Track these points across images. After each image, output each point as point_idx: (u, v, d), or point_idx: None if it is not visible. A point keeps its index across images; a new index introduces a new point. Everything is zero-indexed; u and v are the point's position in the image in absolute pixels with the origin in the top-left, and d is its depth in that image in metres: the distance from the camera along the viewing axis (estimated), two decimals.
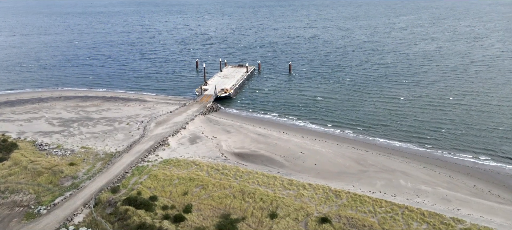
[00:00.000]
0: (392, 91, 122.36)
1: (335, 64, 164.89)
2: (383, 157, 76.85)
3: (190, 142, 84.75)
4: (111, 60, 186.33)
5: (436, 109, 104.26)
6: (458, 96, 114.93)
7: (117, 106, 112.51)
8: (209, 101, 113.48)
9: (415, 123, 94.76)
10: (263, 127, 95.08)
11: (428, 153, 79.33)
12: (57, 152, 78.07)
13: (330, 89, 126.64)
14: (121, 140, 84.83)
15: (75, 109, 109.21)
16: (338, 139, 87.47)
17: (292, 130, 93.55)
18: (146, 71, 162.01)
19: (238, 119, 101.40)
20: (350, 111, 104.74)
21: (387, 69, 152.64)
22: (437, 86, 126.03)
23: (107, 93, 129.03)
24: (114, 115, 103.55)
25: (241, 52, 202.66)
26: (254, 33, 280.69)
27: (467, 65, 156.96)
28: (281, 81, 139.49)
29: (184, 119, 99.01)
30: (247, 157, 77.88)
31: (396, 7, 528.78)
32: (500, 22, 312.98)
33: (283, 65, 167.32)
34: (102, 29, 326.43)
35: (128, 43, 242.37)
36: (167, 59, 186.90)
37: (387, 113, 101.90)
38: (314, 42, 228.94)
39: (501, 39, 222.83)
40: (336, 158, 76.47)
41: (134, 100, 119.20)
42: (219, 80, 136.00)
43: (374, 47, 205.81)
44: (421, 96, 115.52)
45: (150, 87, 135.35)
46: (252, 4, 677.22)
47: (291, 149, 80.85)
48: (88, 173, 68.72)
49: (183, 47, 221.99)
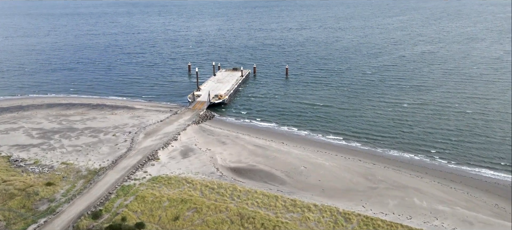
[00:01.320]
0: (393, 96, 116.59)
1: (332, 68, 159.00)
2: (393, 171, 70.78)
3: (182, 156, 77.75)
4: (98, 64, 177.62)
5: (442, 117, 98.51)
6: (463, 102, 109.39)
7: (104, 114, 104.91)
8: (202, 109, 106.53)
9: (422, 132, 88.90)
10: (260, 137, 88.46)
11: (441, 166, 73.48)
12: (33, 169, 70.48)
13: (329, 94, 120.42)
14: (106, 154, 77.45)
15: (58, 118, 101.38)
16: (342, 150, 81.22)
17: (292, 140, 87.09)
18: (135, 76, 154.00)
19: (233, 128, 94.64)
20: (352, 119, 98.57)
21: (386, 73, 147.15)
22: (440, 91, 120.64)
23: (93, 100, 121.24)
24: (99, 125, 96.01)
25: (234, 55, 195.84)
26: (247, 34, 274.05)
27: (468, 68, 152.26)
28: (278, 86, 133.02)
29: (175, 129, 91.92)
30: (245, 173, 71.20)
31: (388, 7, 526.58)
32: (493, 23, 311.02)
33: (279, 68, 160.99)
34: (90, 31, 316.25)
35: (116, 45, 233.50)
36: (157, 63, 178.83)
37: (392, 122, 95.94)
38: (309, 44, 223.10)
39: (497, 40, 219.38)
40: (342, 173, 70.19)
41: (122, 107, 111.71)
42: (213, 85, 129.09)
43: (370, 49, 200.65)
44: (424, 103, 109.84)
45: (139, 94, 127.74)
46: (244, 5, 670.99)
47: (292, 163, 74.35)
48: (67, 195, 61.34)
49: (173, 50, 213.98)
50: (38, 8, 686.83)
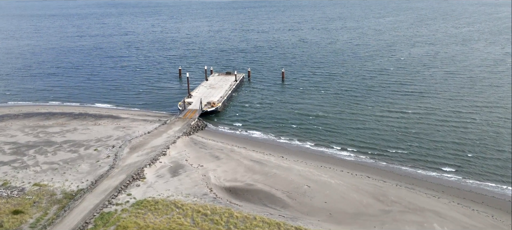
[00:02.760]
0: (396, 103, 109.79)
1: (329, 72, 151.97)
2: (406, 190, 63.84)
3: (171, 174, 69.80)
4: (82, 69, 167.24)
5: (451, 126, 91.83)
6: (470, 109, 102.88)
7: (86, 125, 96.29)
8: (193, 118, 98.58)
9: (432, 144, 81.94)
10: (258, 150, 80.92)
11: (458, 183, 66.74)
12: (1, 193, 61.86)
13: (328, 101, 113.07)
14: (86, 173, 69.11)
15: (35, 130, 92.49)
16: (348, 165, 74.10)
17: (292, 153, 79.71)
18: (122, 81, 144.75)
19: (228, 140, 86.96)
20: (355, 129, 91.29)
21: (385, 77, 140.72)
22: (444, 97, 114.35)
23: (76, 108, 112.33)
24: (80, 137, 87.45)
25: (227, 58, 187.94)
26: (239, 36, 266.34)
27: (469, 71, 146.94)
28: (274, 92, 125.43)
29: (164, 141, 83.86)
30: (242, 194, 63.61)
31: (380, 8, 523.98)
32: (488, 23, 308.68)
33: (274, 72, 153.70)
34: (75, 33, 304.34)
35: (101, 48, 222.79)
36: (146, 67, 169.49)
37: (398, 132, 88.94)
38: (303, 46, 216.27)
39: (494, 41, 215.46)
40: (350, 193, 63.01)
41: (106, 117, 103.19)
42: (205, 91, 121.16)
43: (366, 51, 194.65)
44: (430, 110, 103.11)
45: (125, 101, 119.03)
46: (234, 5, 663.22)
47: (294, 181, 66.96)
48: (36, 225, 52.99)
49: (162, 53, 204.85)
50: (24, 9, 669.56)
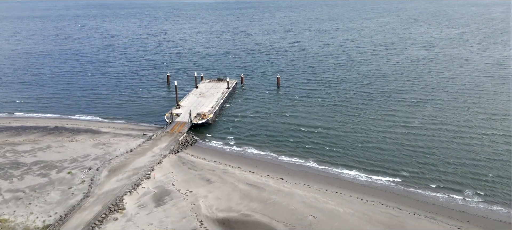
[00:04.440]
0: (399, 114, 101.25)
1: (325, 78, 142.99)
2: (426, 221, 55.72)
3: (156, 202, 60.60)
4: (61, 76, 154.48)
5: (465, 141, 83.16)
6: (482, 121, 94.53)
7: (61, 142, 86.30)
8: (182, 132, 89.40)
9: (446, 163, 73.29)
10: (254, 170, 72.16)
11: (483, 210, 58.90)
12: None
13: (327, 112, 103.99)
14: (55, 204, 59.49)
15: (2, 149, 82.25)
16: (357, 188, 65.79)
17: (293, 174, 71.14)
18: (104, 89, 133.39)
19: (220, 158, 78.04)
20: (359, 145, 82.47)
21: (383, 83, 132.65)
22: (450, 106, 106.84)
23: (51, 121, 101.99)
24: (53, 157, 77.57)
25: (217, 62, 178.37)
26: (229, 39, 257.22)
27: (473, 76, 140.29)
28: (270, 100, 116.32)
29: (148, 161, 74.53)
30: (237, 227, 54.80)
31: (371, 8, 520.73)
32: (482, 25, 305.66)
33: (268, 77, 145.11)
34: (55, 35, 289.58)
35: (82, 52, 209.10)
36: (129, 73, 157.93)
37: (407, 149, 79.97)
38: (297, 50, 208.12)
39: (492, 43, 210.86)
40: (363, 225, 54.67)
41: (85, 131, 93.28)
42: (195, 100, 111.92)
43: (361, 55, 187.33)
44: (438, 122, 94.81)
45: (107, 112, 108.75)
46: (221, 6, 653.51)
47: (297, 210, 58.38)
48: None
49: (148, 57, 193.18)
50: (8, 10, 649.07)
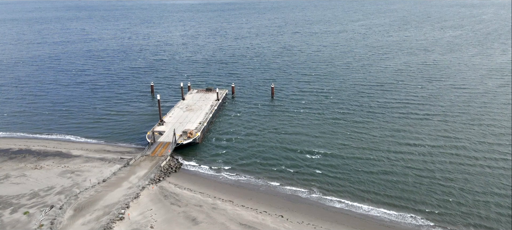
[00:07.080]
0: (407, 132, 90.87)
1: (320, 87, 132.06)
2: None
3: None
4: (30, 87, 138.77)
5: (491, 165, 73.94)
6: (500, 138, 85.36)
7: (22, 169, 74.11)
8: (165, 154, 78.05)
9: (473, 201, 63.09)
10: (248, 205, 61.38)
11: None
12: None
13: (327, 130, 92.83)
14: None
15: None
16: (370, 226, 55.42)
17: (294, 209, 60.60)
18: (77, 103, 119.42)
19: (208, 189, 67.06)
20: (367, 174, 71.99)
21: (385, 94, 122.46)
22: (463, 121, 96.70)
23: (15, 142, 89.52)
24: (10, 190, 65.51)
25: (203, 70, 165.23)
26: (218, 43, 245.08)
27: (481, 85, 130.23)
28: (264, 115, 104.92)
29: (123, 196, 63.06)
30: None
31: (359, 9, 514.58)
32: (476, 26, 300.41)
33: (260, 87, 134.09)
34: (31, 40, 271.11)
35: (57, 59, 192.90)
36: (107, 83, 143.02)
37: (422, 178, 69.99)
38: (289, 55, 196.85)
39: (490, 47, 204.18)
40: None
41: (53, 155, 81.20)
42: (181, 115, 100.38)
43: (357, 61, 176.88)
44: (453, 142, 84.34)
45: (80, 131, 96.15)
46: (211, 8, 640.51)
47: None
48: None
49: (128, 64, 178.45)
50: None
